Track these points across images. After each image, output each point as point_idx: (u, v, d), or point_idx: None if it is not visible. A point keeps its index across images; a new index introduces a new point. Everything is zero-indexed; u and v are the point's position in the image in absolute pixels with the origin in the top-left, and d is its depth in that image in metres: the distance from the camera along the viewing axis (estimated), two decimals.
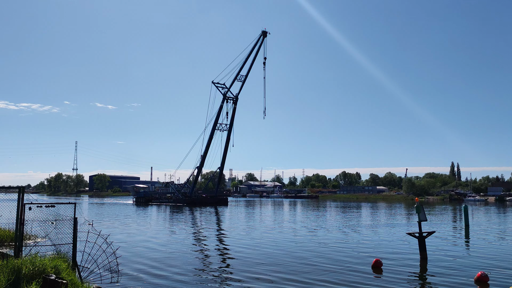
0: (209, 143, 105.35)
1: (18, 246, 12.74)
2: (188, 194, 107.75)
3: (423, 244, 21.87)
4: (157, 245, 27.50)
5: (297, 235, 33.76)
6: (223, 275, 18.00)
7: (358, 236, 32.97)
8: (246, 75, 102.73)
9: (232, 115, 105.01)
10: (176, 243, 28.68)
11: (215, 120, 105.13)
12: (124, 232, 35.90)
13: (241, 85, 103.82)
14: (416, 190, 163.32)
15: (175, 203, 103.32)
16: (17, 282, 10.17)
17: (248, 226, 42.24)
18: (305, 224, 44.93)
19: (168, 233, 35.61)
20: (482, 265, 20.18)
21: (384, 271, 18.60)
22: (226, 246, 27.73)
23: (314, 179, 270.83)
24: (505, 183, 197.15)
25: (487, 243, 28.77)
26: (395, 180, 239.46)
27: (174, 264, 20.31)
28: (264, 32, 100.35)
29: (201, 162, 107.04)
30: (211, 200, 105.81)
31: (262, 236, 32.64)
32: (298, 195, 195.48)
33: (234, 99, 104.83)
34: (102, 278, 14.26)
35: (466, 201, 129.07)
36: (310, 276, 17.49)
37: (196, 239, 31.64)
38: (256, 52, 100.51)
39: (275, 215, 62.89)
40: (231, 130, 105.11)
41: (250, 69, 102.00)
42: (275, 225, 43.90)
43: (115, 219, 52.16)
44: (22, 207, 12.79)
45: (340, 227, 40.38)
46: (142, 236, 32.64)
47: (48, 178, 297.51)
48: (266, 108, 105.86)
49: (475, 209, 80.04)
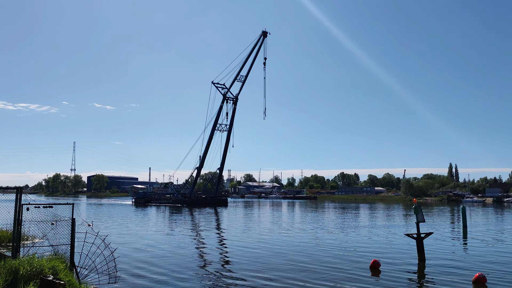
0: (208, 144, 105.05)
1: (16, 247, 12.71)
2: (188, 195, 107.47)
3: (421, 245, 21.90)
4: (156, 245, 27.47)
5: (295, 235, 33.74)
6: (220, 277, 17.99)
7: (356, 237, 32.98)
8: (246, 75, 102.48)
9: (232, 116, 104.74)
10: (175, 244, 28.63)
11: (215, 120, 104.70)
12: (123, 232, 35.86)
13: (241, 85, 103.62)
14: (414, 191, 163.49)
15: (174, 204, 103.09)
16: (14, 283, 10.15)
17: (247, 227, 42.21)
18: (302, 225, 44.92)
19: (167, 234, 35.49)
20: (480, 266, 20.22)
21: (382, 272, 18.61)
22: (224, 248, 27.73)
23: (312, 180, 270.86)
24: (503, 184, 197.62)
25: (485, 244, 28.82)
26: (393, 181, 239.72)
27: (172, 265, 20.28)
28: (264, 32, 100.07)
29: (200, 163, 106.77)
30: (211, 201, 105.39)
31: (260, 238, 32.64)
32: (297, 196, 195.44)
33: (234, 100, 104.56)
34: (100, 279, 14.24)
35: (464, 202, 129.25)
36: (308, 276, 17.47)
37: (195, 240, 31.60)
38: (256, 53, 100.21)
39: (273, 216, 62.90)
40: (231, 130, 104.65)
41: (250, 69, 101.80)
42: (273, 226, 43.88)
43: (114, 220, 52.05)
44: (19, 207, 12.76)
45: (338, 228, 40.38)
46: (141, 237, 32.60)
47: (46, 179, 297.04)
48: (266, 108, 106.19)
49: (473, 210, 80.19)
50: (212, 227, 42.38)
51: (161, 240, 30.84)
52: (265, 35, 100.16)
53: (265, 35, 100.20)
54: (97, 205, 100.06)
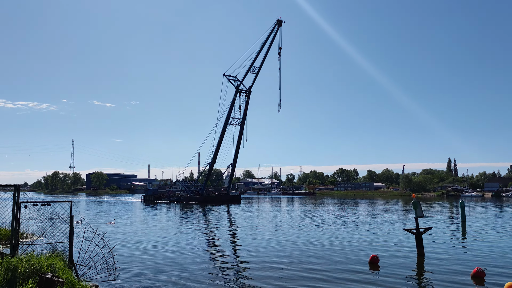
0: (221, 138, 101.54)
1: (14, 245, 12.71)
2: (200, 191, 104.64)
3: (420, 240, 21.93)
4: (162, 244, 26.79)
5: (293, 231, 33.79)
6: (222, 276, 17.99)
7: (355, 232, 33.02)
8: (260, 66, 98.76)
9: (245, 109, 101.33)
10: (183, 243, 27.81)
11: (227, 114, 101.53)
12: (134, 231, 35.60)
13: (254, 77, 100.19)
14: (413, 186, 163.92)
15: (186, 201, 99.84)
16: (13, 281, 10.14)
17: (266, 225, 42.16)
18: (302, 220, 44.96)
19: (176, 233, 33.66)
20: (479, 261, 20.25)
21: (381, 267, 18.63)
22: (228, 246, 27.70)
23: (311, 176, 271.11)
24: (502, 178, 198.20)
25: (484, 239, 28.86)
26: (392, 177, 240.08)
27: (174, 264, 20.20)
28: (279, 21, 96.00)
29: (213, 158, 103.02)
30: (224, 198, 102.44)
31: (270, 233, 32.65)
32: (296, 192, 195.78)
33: (247, 92, 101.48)
34: (99, 276, 14.23)
35: (463, 197, 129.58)
36: (306, 271, 17.49)
37: (208, 239, 30.87)
38: (270, 42, 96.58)
39: (274, 213, 62.91)
40: (243, 124, 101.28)
41: (264, 60, 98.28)
42: (274, 222, 43.93)
43: (132, 218, 50.33)
44: (17, 205, 12.75)
45: (337, 224, 40.43)
46: (147, 235, 32.02)
47: (45, 177, 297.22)
48: (281, 100, 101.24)
49: (472, 205, 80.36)
50: (228, 225, 41.94)
51: (168, 239, 29.76)
52: (280, 24, 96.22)
53: (280, 24, 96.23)
54: (98, 203, 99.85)
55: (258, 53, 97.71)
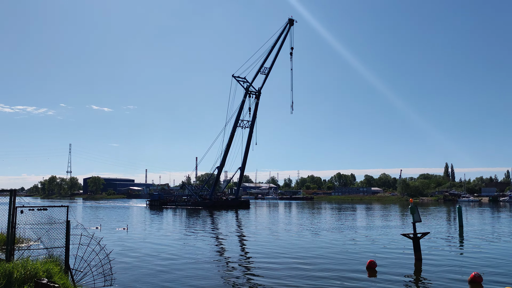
0: (230, 141, 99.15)
1: (10, 250, 12.62)
2: (208, 196, 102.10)
3: (417, 245, 21.92)
4: (163, 252, 26.46)
5: (293, 236, 33.73)
6: (218, 284, 17.93)
7: (353, 237, 32.98)
8: (270, 67, 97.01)
9: (255, 111, 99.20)
10: (183, 250, 27.43)
11: (237, 116, 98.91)
12: (145, 236, 35.47)
13: (264, 78, 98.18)
14: (411, 191, 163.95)
15: (194, 207, 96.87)
16: (8, 286, 10.06)
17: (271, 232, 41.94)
18: (300, 225, 44.90)
19: (179, 239, 32.59)
20: (476, 265, 20.26)
21: (378, 272, 18.60)
22: (228, 253, 27.60)
23: (309, 180, 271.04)
24: (499, 183, 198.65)
25: (481, 244, 28.89)
26: (390, 181, 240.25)
27: (171, 272, 20.12)
28: (290, 20, 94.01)
29: (221, 162, 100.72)
30: (233, 203, 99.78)
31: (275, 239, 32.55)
32: (293, 197, 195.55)
33: (256, 94, 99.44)
34: (96, 282, 14.14)
35: (460, 201, 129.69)
36: (304, 276, 17.44)
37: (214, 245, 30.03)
38: (281, 42, 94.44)
39: (272, 218, 62.72)
40: (253, 126, 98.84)
41: (275, 60, 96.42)
42: (276, 227, 43.82)
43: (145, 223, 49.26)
44: (13, 210, 12.68)
45: (334, 228, 40.38)
46: (149, 242, 31.92)
47: (42, 181, 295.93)
48: (293, 102, 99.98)
49: (469, 210, 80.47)
50: (236, 231, 41.54)
51: (172, 246, 29.29)
52: (291, 23, 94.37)
53: (292, 23, 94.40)
54: (96, 208, 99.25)
55: (268, 53, 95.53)
